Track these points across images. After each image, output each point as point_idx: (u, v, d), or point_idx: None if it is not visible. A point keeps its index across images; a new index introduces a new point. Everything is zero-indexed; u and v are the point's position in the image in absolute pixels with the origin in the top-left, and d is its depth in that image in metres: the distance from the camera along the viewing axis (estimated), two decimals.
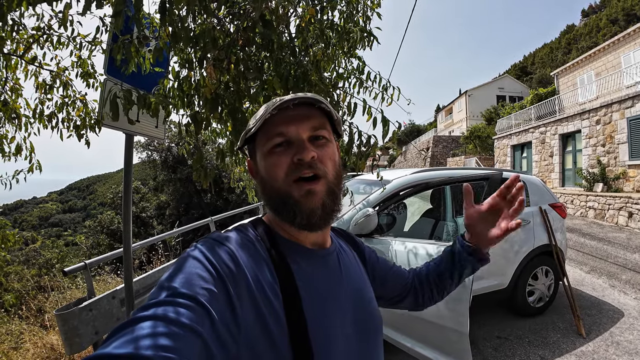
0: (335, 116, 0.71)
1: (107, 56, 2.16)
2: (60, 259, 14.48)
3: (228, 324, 0.49)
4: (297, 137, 0.65)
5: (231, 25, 1.76)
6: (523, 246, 3.72)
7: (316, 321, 0.59)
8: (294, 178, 0.63)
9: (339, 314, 0.65)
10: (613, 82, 14.46)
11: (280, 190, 0.64)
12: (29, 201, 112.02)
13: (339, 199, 0.69)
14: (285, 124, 0.65)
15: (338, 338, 0.63)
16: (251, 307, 0.54)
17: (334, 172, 0.67)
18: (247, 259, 0.59)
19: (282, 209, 0.65)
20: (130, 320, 0.44)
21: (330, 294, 0.66)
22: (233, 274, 0.54)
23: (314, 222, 0.64)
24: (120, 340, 0.40)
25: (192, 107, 1.86)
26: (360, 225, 2.80)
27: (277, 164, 0.64)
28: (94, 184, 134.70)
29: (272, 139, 0.65)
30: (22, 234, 27.49)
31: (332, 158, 0.68)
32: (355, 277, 0.76)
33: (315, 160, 0.64)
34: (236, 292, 0.53)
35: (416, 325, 2.41)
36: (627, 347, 3.20)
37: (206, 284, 0.50)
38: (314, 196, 0.63)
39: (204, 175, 1.59)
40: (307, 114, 0.66)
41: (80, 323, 2.72)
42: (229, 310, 0.51)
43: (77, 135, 2.45)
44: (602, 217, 10.27)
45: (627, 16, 52.29)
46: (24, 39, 2.49)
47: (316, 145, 0.66)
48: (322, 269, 0.69)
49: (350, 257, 0.81)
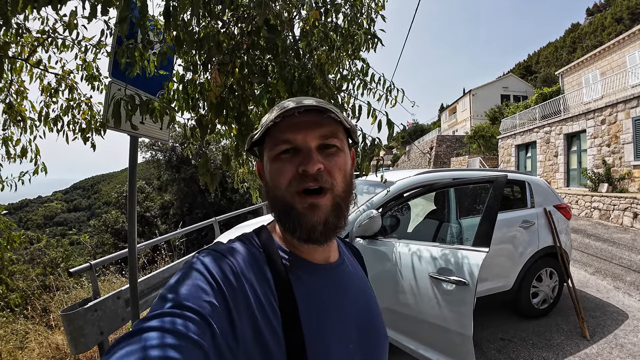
0: (349, 124, 0.67)
1: (112, 59, 2.17)
2: (65, 258, 14.59)
3: (227, 337, 0.49)
4: (305, 146, 0.62)
5: (235, 28, 1.77)
6: (527, 248, 3.71)
7: (316, 337, 0.58)
8: (298, 189, 0.61)
9: (341, 329, 0.63)
10: (618, 82, 14.37)
11: (283, 199, 0.62)
12: (34, 200, 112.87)
13: (345, 213, 0.65)
14: (293, 131, 0.62)
15: (339, 353, 0.61)
16: (249, 322, 0.53)
17: (343, 185, 0.64)
18: (248, 272, 0.58)
19: (285, 218, 0.63)
20: (134, 331, 0.43)
21: (332, 309, 0.64)
22: (233, 288, 0.54)
23: (315, 238, 0.61)
24: (124, 350, 0.40)
25: (197, 110, 1.87)
26: (364, 227, 2.80)
27: (281, 172, 0.62)
28: (98, 183, 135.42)
29: (278, 145, 0.62)
30: (27, 233, 27.68)
31: (342, 168, 0.65)
32: (361, 291, 0.74)
33: (321, 172, 0.61)
34: (235, 306, 0.52)
35: (420, 327, 2.41)
36: (632, 349, 3.18)
37: (208, 297, 0.50)
38: (317, 210, 0.60)
39: (210, 179, 1.59)
40: (317, 121, 0.62)
41: (86, 323, 2.74)
42: (228, 324, 0.50)
43: (83, 138, 2.46)
44: (607, 217, 10.21)
45: (632, 15, 51.88)
46: (28, 42, 2.51)
47: (325, 154, 0.63)
48: (324, 284, 0.66)
49: (357, 270, 0.79)
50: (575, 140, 14.17)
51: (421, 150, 32.10)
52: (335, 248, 0.74)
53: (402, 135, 38.15)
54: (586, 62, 20.06)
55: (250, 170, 3.07)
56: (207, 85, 1.62)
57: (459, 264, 2.27)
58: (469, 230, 3.34)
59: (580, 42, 60.27)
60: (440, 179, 3.40)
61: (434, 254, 2.44)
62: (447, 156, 28.70)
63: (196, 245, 12.22)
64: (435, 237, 3.52)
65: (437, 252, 2.43)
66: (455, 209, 3.47)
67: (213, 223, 5.72)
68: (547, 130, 15.67)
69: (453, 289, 2.22)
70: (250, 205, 9.90)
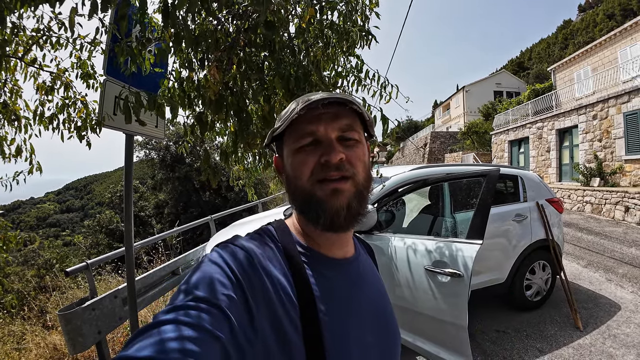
0: (367, 117, 0.68)
1: (107, 57, 2.16)
2: (60, 259, 14.45)
3: (245, 330, 0.49)
4: (326, 137, 0.63)
5: (231, 25, 1.78)
6: (520, 241, 3.76)
7: (333, 331, 0.59)
8: (319, 178, 0.61)
9: (357, 324, 0.64)
10: (610, 77, 14.50)
11: (304, 189, 0.63)
12: (26, 202, 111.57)
13: (366, 202, 0.66)
14: (315, 123, 0.63)
15: (356, 347, 0.62)
16: (268, 315, 0.53)
17: (364, 174, 0.65)
18: (266, 266, 0.58)
19: (307, 208, 0.63)
20: (153, 324, 0.44)
21: (349, 303, 0.65)
22: (251, 281, 0.54)
23: (338, 223, 0.62)
24: (143, 342, 0.40)
25: (194, 108, 1.87)
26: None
27: (303, 162, 0.63)
28: (91, 184, 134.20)
29: (301, 138, 0.63)
30: (21, 234, 27.42)
31: (362, 159, 0.65)
32: (375, 288, 0.74)
33: (343, 162, 0.61)
34: (254, 300, 0.53)
35: (415, 319, 2.44)
36: (624, 339, 3.25)
37: (226, 290, 0.50)
38: (340, 195, 0.61)
39: (212, 175, 1.60)
40: (337, 113, 0.64)
41: (83, 323, 2.73)
42: (246, 317, 0.51)
43: (79, 136, 2.45)
44: (599, 211, 10.34)
45: (623, 11, 52.32)
46: (23, 41, 2.49)
47: (345, 145, 0.64)
48: (342, 279, 0.67)
49: (371, 266, 0.80)
50: (567, 136, 14.31)
51: (416, 145, 32.19)
52: (352, 243, 0.74)
53: (397, 131, 38.20)
54: (578, 58, 20.23)
55: (246, 167, 3.08)
56: (205, 82, 1.63)
57: (454, 256, 2.30)
58: (463, 224, 3.38)
59: (572, 39, 60.71)
60: (434, 174, 3.44)
61: (429, 247, 2.47)
62: (441, 152, 28.83)
63: (192, 244, 12.21)
64: (430, 231, 3.56)
65: (432, 245, 2.47)
66: (449, 204, 3.51)
67: (209, 221, 5.71)
68: (539, 126, 15.81)
69: (448, 281, 2.26)
70: (245, 203, 9.90)
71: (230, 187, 13.74)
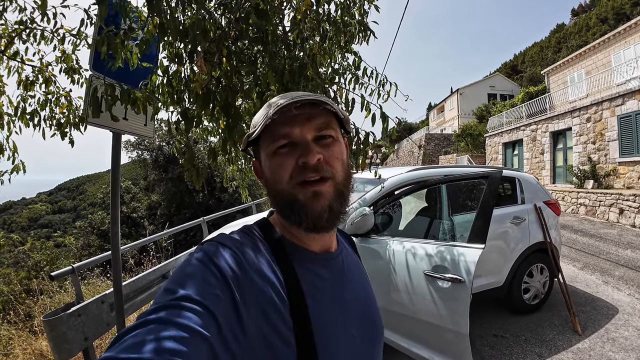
0: (342, 114, 0.68)
1: (93, 51, 2.07)
2: (50, 261, 14.20)
3: (233, 328, 0.49)
4: (302, 139, 0.63)
5: (222, 17, 1.69)
6: (518, 244, 3.71)
7: (322, 325, 0.59)
8: (299, 181, 0.61)
9: (344, 318, 0.65)
10: (603, 80, 14.63)
11: (285, 193, 0.63)
12: (17, 202, 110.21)
13: (347, 200, 0.67)
14: (289, 125, 0.62)
15: (343, 341, 0.63)
16: (257, 313, 0.53)
17: (343, 173, 0.66)
18: (253, 263, 0.58)
19: (289, 212, 0.63)
20: (137, 324, 0.43)
21: (336, 298, 0.66)
22: (239, 279, 0.54)
23: (321, 225, 0.62)
24: (127, 343, 0.40)
25: (182, 104, 1.78)
26: (356, 225, 2.74)
27: (281, 165, 0.62)
28: (83, 184, 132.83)
29: (276, 141, 0.63)
30: (12, 236, 26.93)
31: (340, 157, 0.66)
32: (360, 280, 0.76)
33: (321, 163, 0.62)
34: (242, 297, 0.52)
35: (415, 326, 2.36)
36: (623, 343, 3.20)
37: (212, 289, 0.50)
38: (320, 198, 0.61)
39: (195, 176, 1.51)
40: (311, 114, 0.64)
41: (69, 329, 2.63)
42: (234, 315, 0.50)
43: (61, 133, 2.34)
44: (593, 213, 10.36)
45: (616, 15, 52.96)
46: (6, 34, 2.39)
47: (322, 144, 0.64)
48: (327, 273, 0.68)
49: (355, 258, 0.81)
50: (561, 138, 14.38)
51: (416, 144, 32.22)
52: (335, 237, 0.75)
53: (397, 130, 38.34)
54: (572, 61, 20.40)
55: (240, 168, 2.99)
56: (193, 76, 1.54)
57: (455, 261, 2.23)
58: (461, 227, 3.32)
59: (565, 42, 61.31)
60: (432, 176, 3.37)
61: (429, 252, 2.39)
62: (436, 154, 28.92)
63: (184, 246, 12.04)
64: (427, 234, 3.49)
65: (432, 249, 2.39)
66: (447, 206, 3.44)
67: (201, 223, 5.61)
68: (533, 128, 15.88)
69: (449, 287, 2.18)
70: (239, 204, 9.78)
71: (224, 188, 13.63)
